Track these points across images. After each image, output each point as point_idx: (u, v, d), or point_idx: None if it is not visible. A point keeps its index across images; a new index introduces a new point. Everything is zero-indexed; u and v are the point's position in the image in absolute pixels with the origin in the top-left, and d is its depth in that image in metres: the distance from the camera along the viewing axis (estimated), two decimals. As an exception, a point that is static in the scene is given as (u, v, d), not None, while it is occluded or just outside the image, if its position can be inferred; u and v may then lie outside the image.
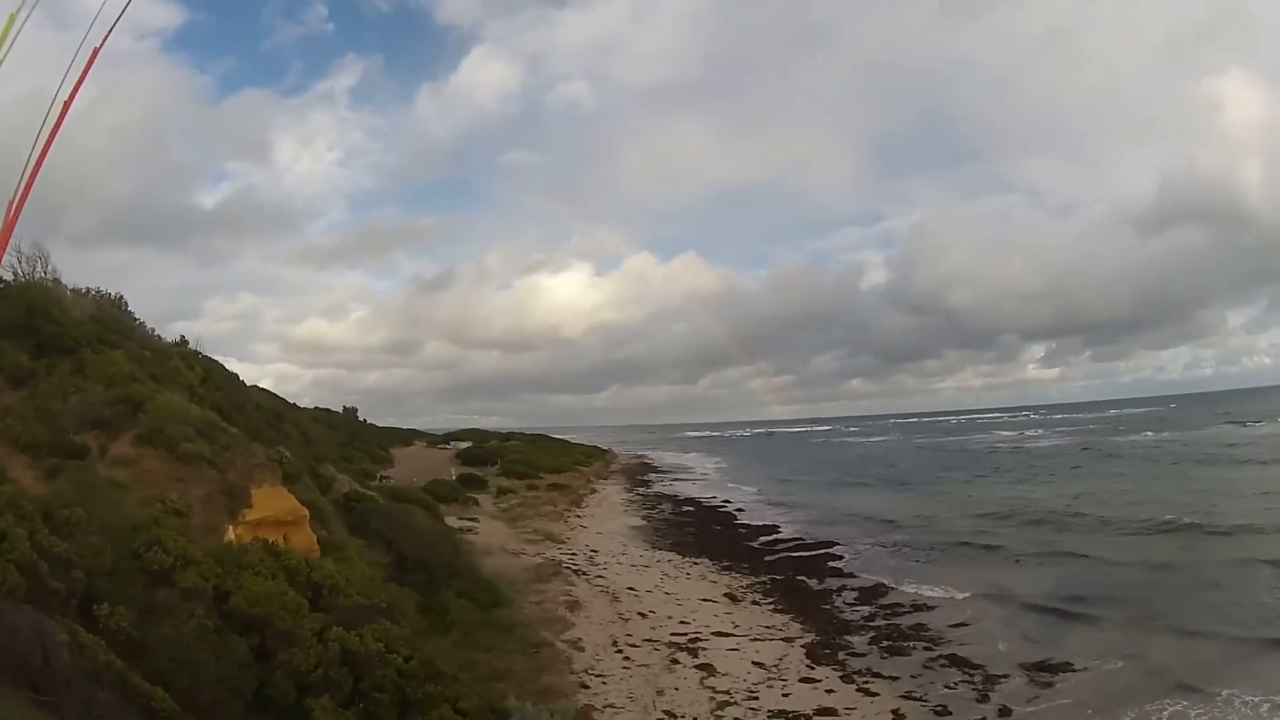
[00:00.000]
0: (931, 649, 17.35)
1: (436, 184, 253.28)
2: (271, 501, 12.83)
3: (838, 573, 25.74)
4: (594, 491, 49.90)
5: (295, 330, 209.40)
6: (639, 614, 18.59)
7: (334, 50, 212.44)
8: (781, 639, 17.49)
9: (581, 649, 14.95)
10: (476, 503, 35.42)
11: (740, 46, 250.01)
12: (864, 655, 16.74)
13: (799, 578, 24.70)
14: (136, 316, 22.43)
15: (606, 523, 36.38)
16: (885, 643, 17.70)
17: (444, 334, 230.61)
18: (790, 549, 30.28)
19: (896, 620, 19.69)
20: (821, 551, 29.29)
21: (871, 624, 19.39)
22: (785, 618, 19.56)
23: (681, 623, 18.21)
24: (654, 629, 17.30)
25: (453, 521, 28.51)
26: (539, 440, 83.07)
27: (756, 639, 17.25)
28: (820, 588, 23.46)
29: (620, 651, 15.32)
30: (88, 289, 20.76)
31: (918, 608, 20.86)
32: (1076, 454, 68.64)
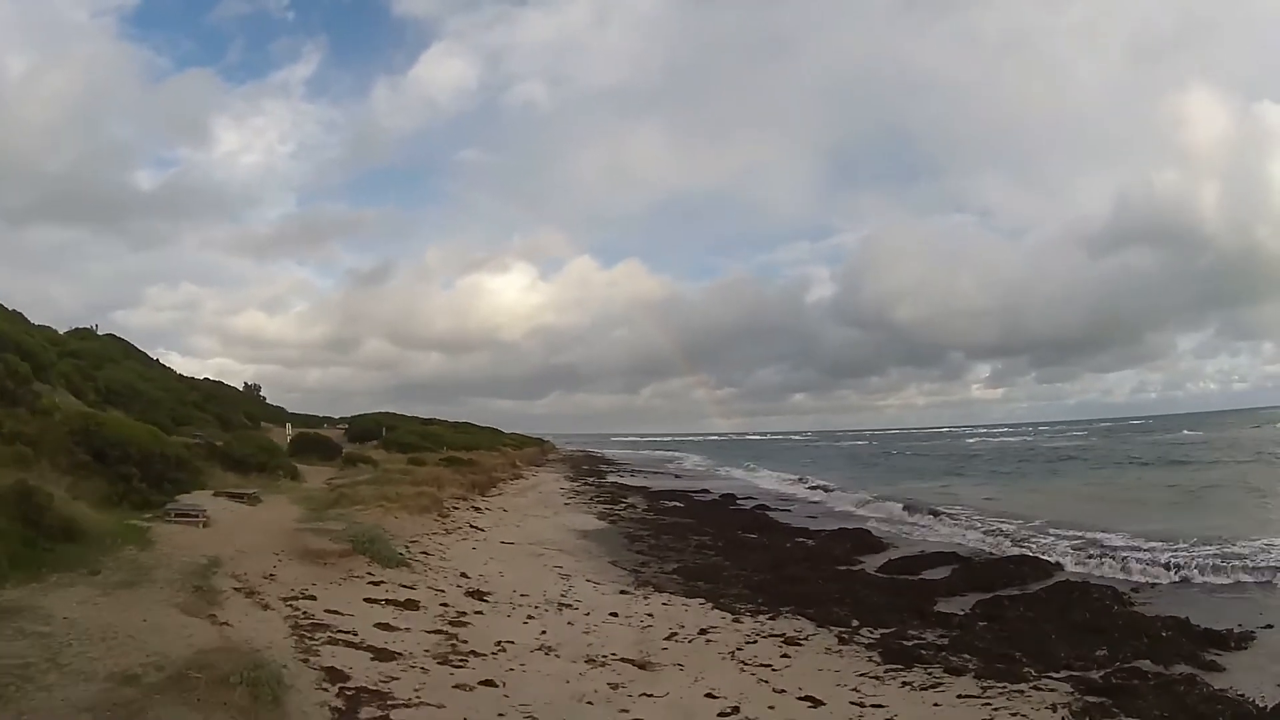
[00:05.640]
0: None
1: (386, 179, 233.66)
2: None
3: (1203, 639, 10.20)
4: (518, 478, 34.20)
5: (235, 322, 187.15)
6: None
7: (290, 38, 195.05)
8: None
9: None
10: (293, 474, 19.84)
11: (699, 55, 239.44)
12: None
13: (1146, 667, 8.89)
14: None
15: (530, 522, 20.88)
16: None
17: (384, 332, 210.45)
18: (959, 576, 14.13)
19: None
20: (1045, 581, 13.70)
21: None
22: None
23: None
24: None
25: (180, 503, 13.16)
26: (463, 425, 66.86)
27: None
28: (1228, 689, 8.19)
29: None
30: None
31: None
32: (1131, 451, 53.16)
